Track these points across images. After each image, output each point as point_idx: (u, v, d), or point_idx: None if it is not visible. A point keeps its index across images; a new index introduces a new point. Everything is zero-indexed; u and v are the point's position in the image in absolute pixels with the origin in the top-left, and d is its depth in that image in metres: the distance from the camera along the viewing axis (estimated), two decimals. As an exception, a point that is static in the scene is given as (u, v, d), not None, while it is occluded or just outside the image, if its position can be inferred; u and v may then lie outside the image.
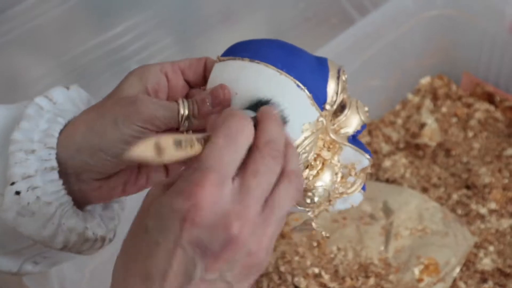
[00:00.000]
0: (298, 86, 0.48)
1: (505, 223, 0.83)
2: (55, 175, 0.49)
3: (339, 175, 0.50)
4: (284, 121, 0.47)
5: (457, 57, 0.99)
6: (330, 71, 0.51)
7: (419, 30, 0.96)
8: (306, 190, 0.49)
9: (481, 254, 0.80)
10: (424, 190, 0.88)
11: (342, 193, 0.51)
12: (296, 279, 0.77)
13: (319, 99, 0.49)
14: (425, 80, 1.00)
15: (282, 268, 0.78)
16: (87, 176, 0.50)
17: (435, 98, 0.99)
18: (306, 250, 0.79)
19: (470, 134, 0.94)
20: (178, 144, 0.41)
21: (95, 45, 0.98)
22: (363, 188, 0.52)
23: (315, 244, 0.79)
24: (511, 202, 0.85)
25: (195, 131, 0.49)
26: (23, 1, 0.93)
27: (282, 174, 0.41)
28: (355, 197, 0.52)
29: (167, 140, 0.40)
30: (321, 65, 0.51)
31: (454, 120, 0.96)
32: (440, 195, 0.87)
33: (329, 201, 0.50)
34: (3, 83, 0.95)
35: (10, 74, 0.96)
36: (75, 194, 0.50)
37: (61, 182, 0.49)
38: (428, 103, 0.98)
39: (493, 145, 0.92)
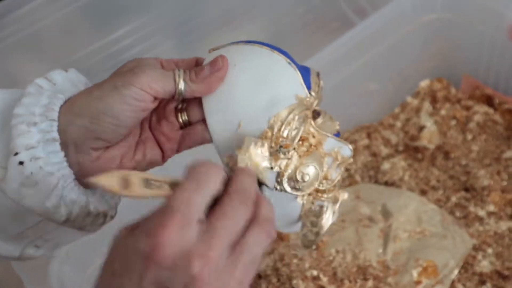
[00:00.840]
0: (289, 63, 0.52)
1: (503, 225, 0.83)
2: (56, 146, 0.49)
3: (325, 161, 0.51)
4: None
5: (456, 60, 0.99)
6: (311, 69, 0.54)
7: (418, 33, 0.96)
8: (297, 168, 0.50)
9: (479, 256, 0.80)
10: (423, 192, 0.88)
11: (324, 192, 0.52)
12: (294, 281, 0.77)
13: (305, 83, 0.52)
14: (424, 83, 1.01)
15: (281, 271, 0.78)
16: (86, 146, 0.50)
17: (434, 101, 0.99)
18: (305, 253, 0.79)
19: (469, 136, 0.94)
20: (146, 183, 0.42)
21: (96, 48, 0.98)
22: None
23: (313, 246, 0.79)
24: (510, 205, 0.85)
25: (188, 100, 0.52)
26: (24, 5, 0.94)
27: (253, 220, 0.42)
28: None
29: (136, 177, 0.41)
30: (303, 65, 0.54)
31: (453, 122, 0.96)
32: (438, 197, 0.87)
33: (317, 191, 0.51)
34: (5, 87, 0.95)
35: (11, 78, 0.96)
36: (74, 168, 0.51)
37: (62, 154, 0.50)
38: (427, 106, 0.98)
39: (492, 147, 0.92)
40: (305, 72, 0.53)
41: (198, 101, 0.53)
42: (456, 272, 0.78)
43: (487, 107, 0.96)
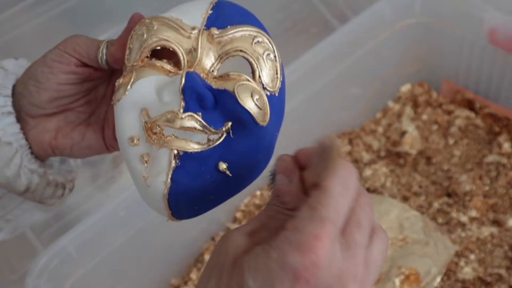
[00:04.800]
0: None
1: (485, 231, 0.82)
2: (12, 118, 0.51)
3: None
4: None
5: (436, 65, 0.99)
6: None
7: (398, 38, 0.96)
8: None
9: (462, 263, 0.79)
10: (405, 198, 0.87)
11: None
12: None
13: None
14: (405, 88, 1.00)
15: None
16: (23, 112, 0.51)
17: (415, 105, 0.99)
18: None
19: (451, 141, 0.93)
20: None
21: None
22: None
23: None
24: (492, 210, 0.85)
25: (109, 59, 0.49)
26: (4, 10, 0.93)
27: (372, 229, 0.38)
28: None
29: None
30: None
31: (434, 127, 0.95)
32: (421, 203, 0.87)
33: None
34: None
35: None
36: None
37: (18, 126, 0.51)
38: (408, 110, 0.97)
39: (473, 152, 0.92)
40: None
41: None
42: (438, 279, 0.77)
43: (468, 111, 0.96)
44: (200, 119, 0.41)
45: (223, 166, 0.43)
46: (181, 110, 0.41)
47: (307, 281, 0.33)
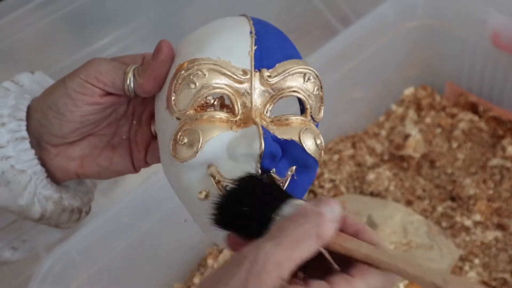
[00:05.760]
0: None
1: (490, 235, 0.82)
2: (26, 144, 0.49)
3: None
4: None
5: (439, 67, 0.98)
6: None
7: (402, 40, 0.95)
8: None
9: (466, 267, 0.79)
10: (409, 203, 0.87)
11: None
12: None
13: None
14: (408, 91, 1.00)
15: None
16: (43, 141, 0.49)
17: (419, 108, 0.98)
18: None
19: (455, 144, 0.93)
20: None
21: (78, 59, 0.97)
22: None
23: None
24: (496, 214, 0.84)
25: (137, 94, 0.48)
26: (4, 15, 0.93)
27: None
28: None
29: None
30: None
31: (438, 130, 0.95)
32: (424, 207, 0.86)
33: None
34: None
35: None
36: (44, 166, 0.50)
37: (33, 151, 0.49)
38: (412, 113, 0.97)
39: (477, 155, 0.92)
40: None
41: None
42: (443, 283, 0.77)
43: (472, 114, 0.95)
44: (275, 176, 0.44)
45: None
46: (258, 171, 0.43)
47: None
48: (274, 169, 0.43)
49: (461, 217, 0.84)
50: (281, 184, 0.44)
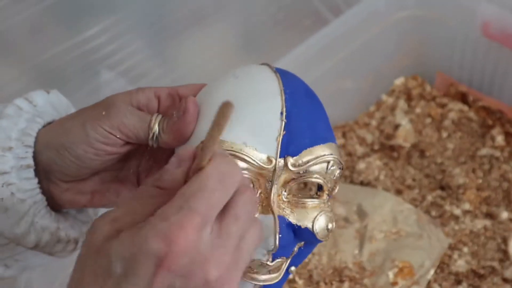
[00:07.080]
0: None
1: (479, 223, 0.82)
2: (30, 173, 0.48)
3: None
4: None
5: (430, 58, 0.98)
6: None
7: (392, 30, 0.95)
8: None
9: (455, 255, 0.79)
10: (399, 192, 0.87)
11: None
12: (270, 285, 0.76)
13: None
14: (399, 81, 1.00)
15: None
16: (54, 176, 0.49)
17: (409, 98, 0.98)
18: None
19: (444, 134, 0.93)
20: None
21: (66, 48, 0.96)
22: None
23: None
24: (485, 203, 0.85)
25: (161, 147, 0.47)
26: (-10, 5, 0.92)
27: (251, 222, 0.40)
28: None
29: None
30: None
31: (428, 120, 0.95)
32: (414, 196, 0.87)
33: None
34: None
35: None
36: (46, 194, 0.49)
37: (36, 180, 0.48)
38: (402, 104, 0.97)
39: (467, 145, 0.92)
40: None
41: None
42: (432, 272, 0.77)
43: (462, 104, 0.96)
44: (284, 261, 0.47)
45: (291, 269, 0.48)
46: (270, 260, 0.45)
47: (168, 268, 0.35)
48: (284, 258, 0.46)
49: (450, 206, 0.84)
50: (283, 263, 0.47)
